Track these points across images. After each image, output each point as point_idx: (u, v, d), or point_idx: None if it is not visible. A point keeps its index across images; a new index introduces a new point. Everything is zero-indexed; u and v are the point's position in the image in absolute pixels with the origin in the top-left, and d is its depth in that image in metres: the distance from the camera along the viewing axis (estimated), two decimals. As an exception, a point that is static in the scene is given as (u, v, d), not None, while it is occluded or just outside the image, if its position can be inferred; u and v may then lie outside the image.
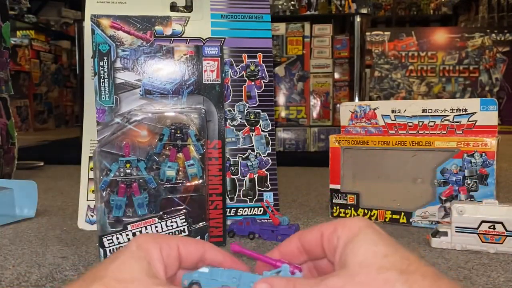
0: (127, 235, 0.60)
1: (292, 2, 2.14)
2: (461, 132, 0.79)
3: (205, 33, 0.79)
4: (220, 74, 0.66)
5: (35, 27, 4.03)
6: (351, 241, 0.29)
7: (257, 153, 0.82)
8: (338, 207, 0.87)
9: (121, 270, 0.29)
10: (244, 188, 0.82)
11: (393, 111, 0.84)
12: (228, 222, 0.75)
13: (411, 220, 0.80)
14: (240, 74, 0.82)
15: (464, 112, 0.78)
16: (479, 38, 3.75)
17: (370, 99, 3.35)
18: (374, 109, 0.86)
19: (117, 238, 0.60)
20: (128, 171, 0.61)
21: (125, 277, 0.28)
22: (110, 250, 0.61)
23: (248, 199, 0.82)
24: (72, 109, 4.56)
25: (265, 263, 0.34)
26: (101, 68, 0.63)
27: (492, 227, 0.64)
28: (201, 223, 0.63)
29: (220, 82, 0.66)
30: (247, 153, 0.82)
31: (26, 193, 0.88)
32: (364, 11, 2.17)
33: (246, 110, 0.82)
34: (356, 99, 1.94)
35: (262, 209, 0.82)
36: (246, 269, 0.34)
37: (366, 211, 0.84)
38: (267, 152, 0.83)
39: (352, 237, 0.30)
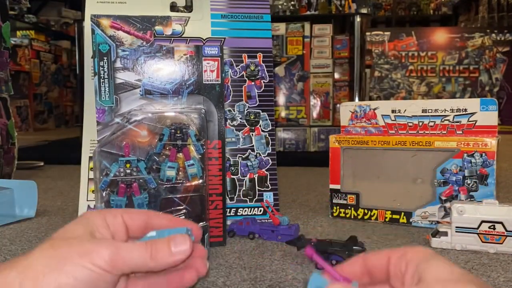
0: (127, 235, 0.60)
1: (292, 2, 2.14)
2: (461, 132, 0.79)
3: (205, 33, 0.79)
4: (220, 74, 0.66)
5: (35, 27, 4.03)
6: (424, 262, 0.30)
7: (257, 153, 0.82)
8: (338, 207, 0.87)
9: (66, 231, 0.34)
10: (244, 188, 0.82)
11: (393, 111, 0.84)
12: (228, 222, 0.75)
13: (411, 220, 0.80)
14: (240, 74, 0.82)
15: (464, 112, 0.78)
16: (479, 38, 3.75)
17: (370, 99, 3.35)
18: (374, 109, 0.86)
19: (117, 238, 0.60)
20: (128, 171, 0.61)
21: (69, 236, 0.33)
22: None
23: (248, 199, 0.82)
24: (72, 109, 4.56)
25: (331, 277, 0.33)
26: (101, 68, 0.63)
27: (492, 227, 0.64)
28: (201, 223, 0.63)
29: (220, 82, 0.66)
30: (247, 153, 0.82)
31: (26, 193, 0.88)
32: (364, 11, 2.17)
33: (246, 110, 0.82)
34: (356, 99, 1.94)
35: (262, 209, 0.82)
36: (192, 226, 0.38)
37: (366, 211, 0.84)
38: (267, 152, 0.83)
39: (424, 259, 0.30)
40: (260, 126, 0.82)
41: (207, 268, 0.39)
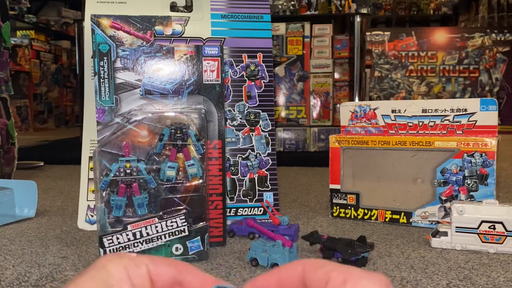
0: (127, 235, 0.60)
1: (292, 2, 2.13)
2: (461, 132, 0.79)
3: (205, 33, 0.79)
4: (220, 74, 0.66)
5: (35, 27, 4.03)
6: None
7: (257, 153, 0.82)
8: (338, 207, 0.87)
9: None
10: (244, 188, 0.82)
11: (393, 111, 0.84)
12: (228, 222, 0.75)
13: (411, 220, 0.80)
14: (240, 74, 0.82)
15: (464, 112, 0.78)
16: (479, 38, 3.75)
17: (370, 99, 3.35)
18: (374, 109, 0.86)
19: (117, 238, 0.60)
20: (128, 171, 0.61)
21: None
22: (110, 250, 0.61)
23: (248, 199, 0.82)
24: (72, 109, 4.56)
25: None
26: (101, 68, 0.63)
27: (492, 227, 0.64)
28: (201, 223, 0.63)
29: (220, 82, 0.66)
30: (247, 153, 0.82)
31: (26, 193, 0.88)
32: (364, 11, 2.17)
33: (246, 110, 0.82)
34: (356, 99, 1.94)
35: (262, 209, 0.82)
36: None
37: (366, 211, 0.84)
38: (267, 152, 0.83)
39: None
40: (260, 126, 0.82)
41: None
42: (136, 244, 0.60)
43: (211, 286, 0.29)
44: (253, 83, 0.82)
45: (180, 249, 0.62)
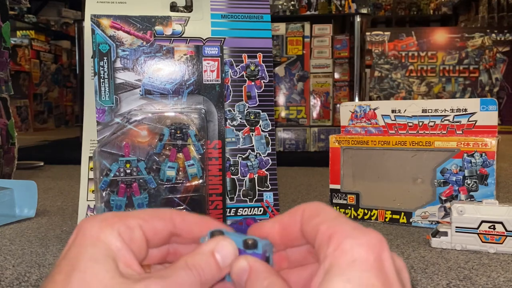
0: (127, 235, 0.60)
1: (292, 2, 2.14)
2: (461, 132, 0.79)
3: (205, 33, 0.79)
4: (220, 74, 0.66)
5: (35, 27, 4.03)
6: (332, 275, 0.22)
7: (257, 153, 0.82)
8: (338, 207, 0.87)
9: (89, 282, 0.23)
10: (244, 188, 0.82)
11: (393, 111, 0.84)
12: (228, 222, 0.75)
13: (411, 220, 0.80)
14: (240, 74, 0.82)
15: (464, 112, 0.78)
16: (479, 38, 3.75)
17: (370, 99, 3.35)
18: (374, 109, 0.86)
19: (117, 238, 0.60)
20: (128, 171, 0.61)
21: (92, 281, 0.23)
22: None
23: (248, 199, 0.82)
24: (72, 109, 4.56)
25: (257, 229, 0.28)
26: (101, 68, 0.63)
27: (492, 227, 0.64)
28: (201, 223, 0.63)
29: (220, 82, 0.66)
30: (247, 153, 0.82)
31: (26, 193, 0.88)
32: (364, 11, 2.17)
33: (246, 110, 0.82)
34: (356, 99, 1.94)
35: (262, 209, 0.82)
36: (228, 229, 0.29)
37: (366, 211, 0.84)
38: (267, 152, 0.83)
39: (338, 270, 0.22)
40: (260, 126, 0.82)
41: None
42: (136, 244, 0.60)
43: (206, 228, 0.28)
44: (253, 83, 0.82)
45: (180, 249, 0.62)
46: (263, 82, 0.82)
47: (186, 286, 0.24)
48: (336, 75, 2.04)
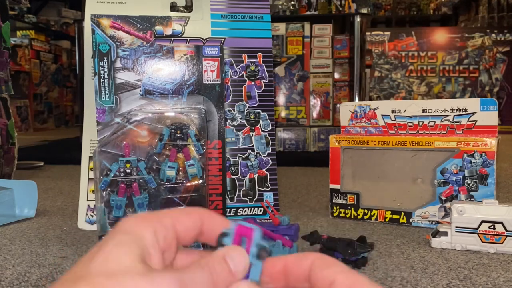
0: (127, 235, 0.60)
1: (292, 2, 2.14)
2: (461, 132, 0.79)
3: (205, 33, 0.79)
4: (220, 74, 0.66)
5: (35, 27, 4.03)
6: None
7: (257, 153, 0.82)
8: (338, 207, 0.87)
9: (109, 261, 0.23)
10: (244, 188, 0.82)
11: (393, 111, 0.84)
12: (228, 222, 0.75)
13: (411, 220, 0.80)
14: (240, 74, 0.82)
15: (464, 112, 0.78)
16: (479, 38, 3.75)
17: (370, 99, 3.35)
18: (374, 109, 0.86)
19: (117, 238, 0.60)
20: (128, 171, 0.61)
21: (115, 270, 0.23)
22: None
23: (248, 199, 0.82)
24: (72, 109, 4.56)
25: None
26: (101, 68, 0.63)
27: (492, 227, 0.64)
28: (201, 223, 0.63)
29: (220, 82, 0.66)
30: (247, 153, 0.82)
31: (26, 193, 0.88)
32: (364, 11, 2.17)
33: (246, 110, 0.82)
34: (356, 99, 1.94)
35: (262, 209, 0.82)
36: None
37: (366, 211, 0.84)
38: (267, 152, 0.83)
39: None
40: (260, 126, 0.82)
41: None
42: (136, 244, 0.60)
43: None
44: (253, 83, 0.82)
45: (180, 249, 0.62)
46: (263, 82, 0.82)
47: (199, 284, 0.25)
48: (336, 75, 2.04)
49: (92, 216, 0.78)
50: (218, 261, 0.26)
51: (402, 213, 0.81)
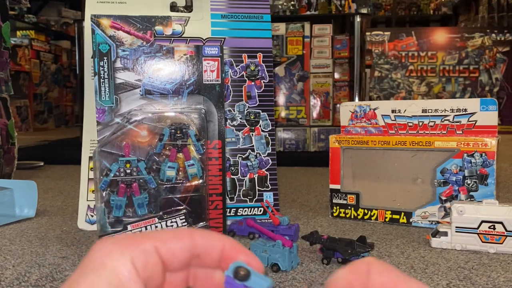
0: (127, 235, 0.60)
1: (292, 2, 2.14)
2: (461, 132, 0.79)
3: (205, 33, 0.79)
4: (220, 74, 0.66)
5: (35, 27, 4.03)
6: None
7: (257, 153, 0.82)
8: (338, 207, 0.87)
9: None
10: (244, 188, 0.82)
11: (393, 111, 0.84)
12: (228, 222, 0.75)
13: (411, 220, 0.80)
14: (240, 74, 0.82)
15: (464, 112, 0.78)
16: (479, 38, 3.75)
17: (370, 99, 3.35)
18: (374, 109, 0.86)
19: (117, 238, 0.60)
20: (128, 171, 0.61)
21: None
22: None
23: (248, 199, 0.82)
24: (72, 109, 4.56)
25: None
26: (101, 68, 0.63)
27: (492, 227, 0.64)
28: (201, 223, 0.63)
29: (220, 82, 0.66)
30: (247, 153, 0.82)
31: (26, 193, 0.88)
32: (364, 11, 2.17)
33: (246, 110, 0.82)
34: (356, 99, 1.94)
35: (262, 209, 0.82)
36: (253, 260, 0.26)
37: (366, 211, 0.84)
38: (267, 152, 0.83)
39: None
40: (260, 126, 0.82)
41: None
42: (136, 244, 0.60)
43: (230, 255, 0.25)
44: (253, 83, 0.82)
45: (180, 249, 0.62)
46: (263, 82, 0.82)
47: None
48: (336, 75, 2.04)
49: (92, 216, 0.78)
50: None
51: (402, 213, 0.81)
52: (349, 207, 0.86)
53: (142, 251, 0.23)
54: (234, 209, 0.81)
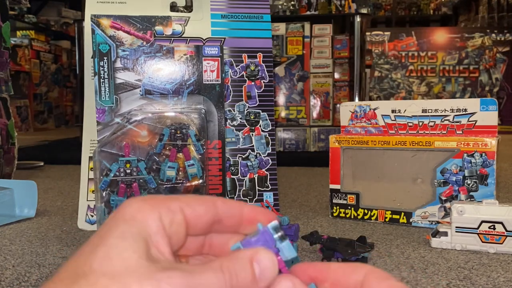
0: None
1: (292, 2, 2.14)
2: (461, 132, 0.79)
3: (205, 33, 0.79)
4: (220, 74, 0.66)
5: (35, 27, 4.03)
6: None
7: (257, 153, 0.82)
8: (338, 207, 0.87)
9: (112, 258, 0.21)
10: (244, 188, 0.82)
11: (393, 111, 0.84)
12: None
13: (411, 220, 0.80)
14: (240, 74, 0.82)
15: (464, 112, 0.78)
16: (479, 38, 3.75)
17: (370, 99, 3.35)
18: (374, 109, 0.86)
19: (117, 238, 0.60)
20: (128, 171, 0.61)
21: (119, 270, 0.21)
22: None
23: (248, 199, 0.82)
24: (72, 109, 4.56)
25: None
26: (101, 68, 0.63)
27: (492, 227, 0.64)
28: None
29: (220, 82, 0.66)
30: (247, 153, 0.82)
31: (26, 193, 0.88)
32: (364, 11, 2.17)
33: (246, 110, 0.82)
34: (356, 99, 1.94)
35: (262, 209, 0.82)
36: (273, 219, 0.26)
37: (366, 211, 0.84)
38: (267, 152, 0.83)
39: None
40: (260, 126, 0.82)
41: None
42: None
43: (249, 218, 0.26)
44: (253, 83, 0.82)
45: (180, 249, 0.62)
46: (263, 82, 0.82)
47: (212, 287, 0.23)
48: (336, 75, 2.04)
49: (92, 216, 0.78)
50: (243, 265, 0.23)
51: (402, 213, 0.81)
52: (349, 207, 0.86)
53: (169, 209, 0.24)
54: (234, 209, 0.81)
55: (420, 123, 0.82)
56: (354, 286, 0.24)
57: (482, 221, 0.65)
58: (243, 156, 0.82)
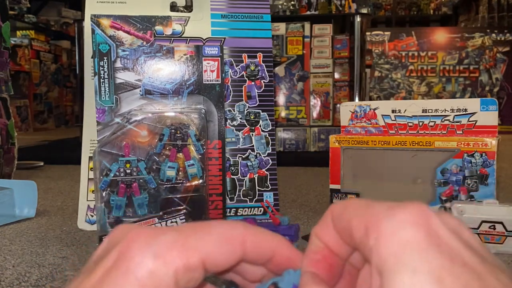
0: (127, 235, 0.60)
1: (292, 2, 2.14)
2: (461, 132, 0.79)
3: (205, 33, 0.79)
4: (220, 74, 0.66)
5: (35, 27, 4.03)
6: (389, 272, 0.17)
7: (257, 153, 0.82)
8: (338, 207, 0.87)
9: None
10: (244, 188, 0.82)
11: (393, 111, 0.84)
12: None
13: (411, 220, 0.80)
14: (240, 74, 0.82)
15: (464, 112, 0.78)
16: (479, 38, 3.75)
17: (370, 99, 3.35)
18: (374, 109, 0.86)
19: (117, 238, 0.60)
20: (128, 171, 0.61)
21: None
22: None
23: (248, 199, 0.82)
24: (72, 109, 4.56)
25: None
26: (101, 68, 0.63)
27: (492, 227, 0.64)
28: (201, 223, 0.63)
29: (220, 82, 0.66)
30: (247, 153, 0.82)
31: (26, 193, 0.88)
32: (364, 11, 2.17)
33: (246, 110, 0.82)
34: (356, 99, 1.94)
35: (262, 209, 0.82)
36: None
37: (366, 211, 0.84)
38: (267, 152, 0.83)
39: (393, 262, 0.17)
40: (260, 126, 0.82)
41: None
42: (136, 244, 0.60)
43: (277, 259, 0.23)
44: (253, 83, 0.82)
45: (180, 249, 0.62)
46: (263, 82, 0.82)
47: None
48: (336, 75, 2.04)
49: (92, 216, 0.78)
50: None
51: (402, 213, 0.81)
52: (349, 207, 0.86)
53: (189, 268, 0.20)
54: (234, 209, 0.81)
55: (420, 123, 0.82)
56: (331, 229, 0.21)
57: (482, 221, 0.65)
58: (243, 156, 0.82)
